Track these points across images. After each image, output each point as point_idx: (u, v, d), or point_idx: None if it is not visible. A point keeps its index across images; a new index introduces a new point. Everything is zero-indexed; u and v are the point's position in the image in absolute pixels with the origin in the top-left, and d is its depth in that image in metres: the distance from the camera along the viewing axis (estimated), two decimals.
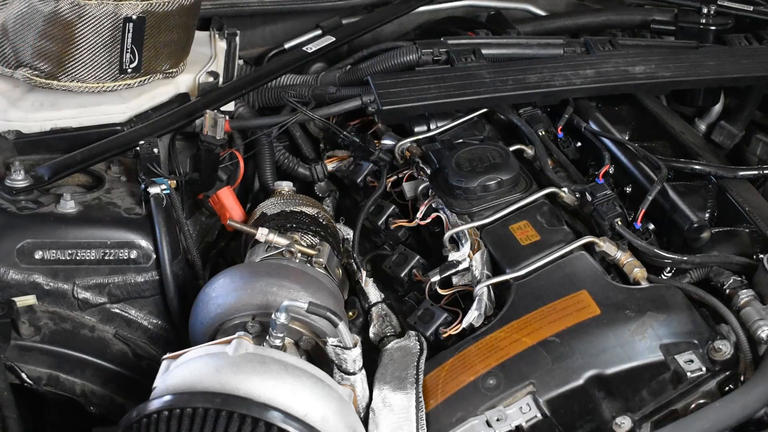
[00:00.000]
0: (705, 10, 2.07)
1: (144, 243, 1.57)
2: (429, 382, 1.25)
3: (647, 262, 1.37)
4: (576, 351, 1.21)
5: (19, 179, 1.59)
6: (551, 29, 2.19)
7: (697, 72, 1.81)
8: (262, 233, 1.46)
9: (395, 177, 1.64)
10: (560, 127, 1.69)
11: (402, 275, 1.45)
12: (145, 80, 1.73)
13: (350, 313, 1.44)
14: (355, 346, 1.21)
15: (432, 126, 1.71)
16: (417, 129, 1.71)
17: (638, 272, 1.34)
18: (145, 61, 1.70)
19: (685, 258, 1.37)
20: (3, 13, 1.68)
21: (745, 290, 1.28)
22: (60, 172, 1.64)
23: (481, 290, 1.34)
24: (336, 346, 1.22)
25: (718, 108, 1.99)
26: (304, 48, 2.01)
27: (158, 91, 1.77)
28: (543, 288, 1.32)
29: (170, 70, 1.77)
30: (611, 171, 1.57)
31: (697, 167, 1.54)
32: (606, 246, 1.37)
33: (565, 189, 1.50)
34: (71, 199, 1.58)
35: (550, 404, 1.19)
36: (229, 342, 1.17)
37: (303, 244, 1.47)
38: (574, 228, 1.44)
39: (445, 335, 1.33)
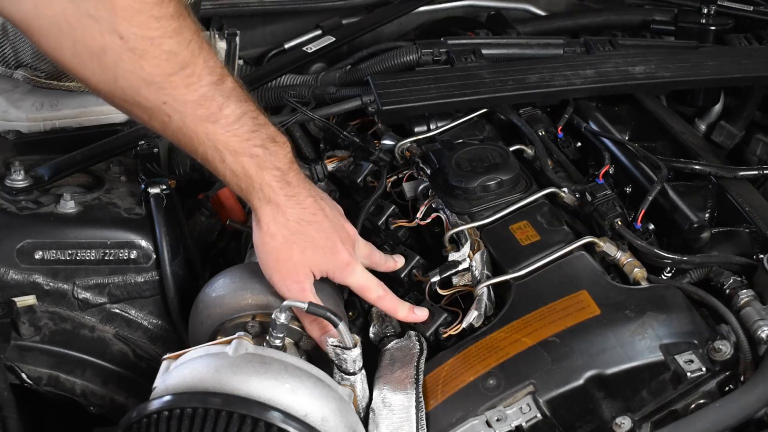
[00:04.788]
0: (705, 10, 2.07)
1: (144, 243, 1.58)
2: (429, 382, 1.25)
3: (647, 262, 1.37)
4: (576, 351, 1.21)
5: (19, 179, 1.59)
6: (551, 29, 2.19)
7: (697, 72, 1.81)
8: None
9: (395, 177, 1.64)
10: (560, 127, 1.69)
11: (402, 275, 1.45)
12: None
13: (350, 313, 1.44)
14: (355, 346, 1.21)
15: (432, 126, 1.71)
16: (417, 129, 1.71)
17: (638, 272, 1.34)
18: None
19: (685, 258, 1.37)
20: None
21: (745, 290, 1.28)
22: (60, 172, 1.64)
23: (481, 290, 1.34)
24: (336, 346, 1.22)
25: (718, 108, 1.98)
26: (304, 48, 2.01)
27: None
28: (543, 288, 1.32)
29: None
30: (611, 171, 1.57)
31: (697, 167, 1.54)
32: (606, 246, 1.37)
33: (565, 189, 1.50)
34: (71, 199, 1.58)
35: (550, 404, 1.19)
36: (229, 342, 1.17)
37: None
38: (574, 228, 1.44)
39: (445, 335, 1.33)
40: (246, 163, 1.23)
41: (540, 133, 1.66)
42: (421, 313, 1.34)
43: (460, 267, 1.39)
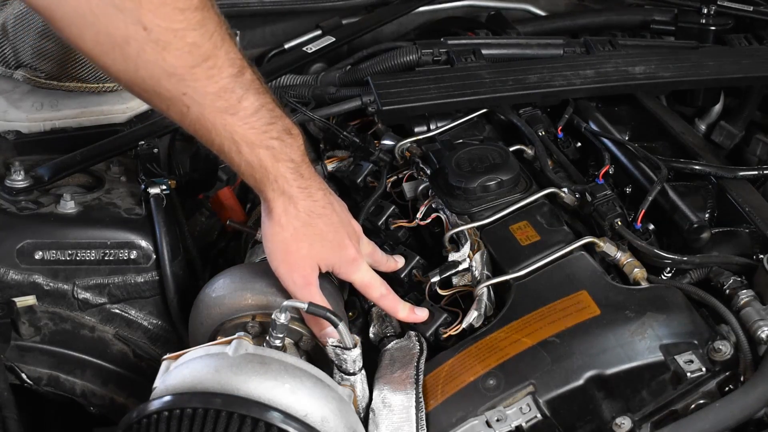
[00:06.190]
0: (705, 10, 2.07)
1: (144, 243, 1.58)
2: (429, 383, 1.25)
3: (647, 262, 1.37)
4: (576, 351, 1.21)
5: (19, 179, 1.59)
6: (551, 29, 2.19)
7: (697, 72, 1.81)
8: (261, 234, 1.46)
9: (395, 177, 1.64)
10: (560, 128, 1.69)
11: (402, 276, 1.45)
12: None
13: (350, 313, 1.44)
14: (355, 346, 1.21)
15: (432, 126, 1.71)
16: (417, 129, 1.71)
17: (638, 272, 1.34)
18: None
19: (685, 258, 1.37)
20: (3, 14, 1.68)
21: (745, 290, 1.28)
22: (60, 172, 1.64)
23: (481, 291, 1.34)
24: (336, 346, 1.22)
25: (718, 108, 1.98)
26: (304, 48, 2.01)
27: None
28: (543, 288, 1.32)
29: None
30: (611, 171, 1.57)
31: (697, 167, 1.54)
32: (606, 246, 1.37)
33: (565, 189, 1.50)
34: (71, 200, 1.58)
35: (550, 404, 1.19)
36: (229, 342, 1.17)
37: None
38: (574, 228, 1.44)
39: (445, 335, 1.33)
40: (262, 154, 1.23)
41: (540, 133, 1.65)
42: (421, 314, 1.35)
43: (460, 267, 1.39)
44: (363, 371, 1.24)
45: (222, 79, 1.17)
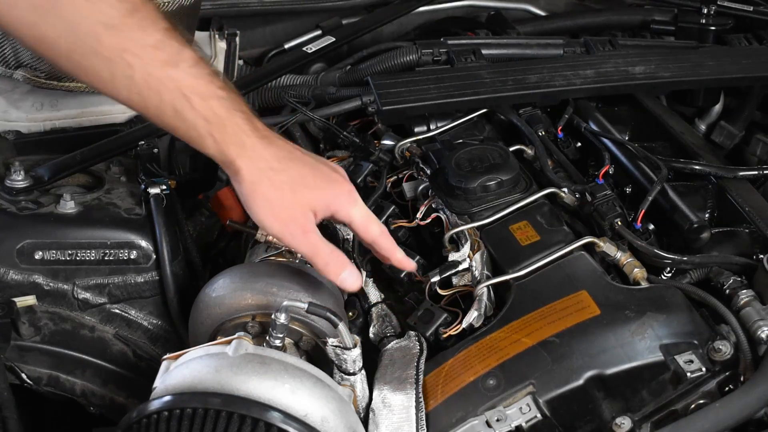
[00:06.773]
0: (705, 10, 2.07)
1: (144, 243, 1.57)
2: (429, 383, 1.25)
3: (647, 262, 1.37)
4: (576, 351, 1.22)
5: (19, 179, 1.59)
6: (551, 29, 2.19)
7: (697, 72, 1.81)
8: (261, 233, 1.46)
9: (395, 177, 1.64)
10: (560, 128, 1.69)
11: (402, 276, 1.45)
12: None
13: (350, 314, 1.44)
14: (355, 346, 1.21)
15: (432, 126, 1.71)
16: (417, 129, 1.71)
17: (638, 272, 1.34)
18: None
19: (685, 258, 1.37)
20: None
21: (745, 290, 1.28)
22: (60, 172, 1.64)
23: (481, 290, 1.34)
24: (336, 346, 1.22)
25: (718, 108, 1.98)
26: (304, 48, 2.01)
27: None
28: (543, 288, 1.32)
29: None
30: (611, 171, 1.57)
31: (697, 167, 1.54)
32: (606, 246, 1.37)
33: (565, 189, 1.50)
34: (71, 200, 1.58)
35: (550, 404, 1.19)
36: (229, 342, 1.17)
37: None
38: (574, 228, 1.44)
39: (444, 335, 1.33)
40: (215, 105, 1.20)
41: (540, 133, 1.66)
42: (411, 265, 1.35)
43: (460, 267, 1.39)
44: (363, 371, 1.24)
45: (157, 32, 1.19)
